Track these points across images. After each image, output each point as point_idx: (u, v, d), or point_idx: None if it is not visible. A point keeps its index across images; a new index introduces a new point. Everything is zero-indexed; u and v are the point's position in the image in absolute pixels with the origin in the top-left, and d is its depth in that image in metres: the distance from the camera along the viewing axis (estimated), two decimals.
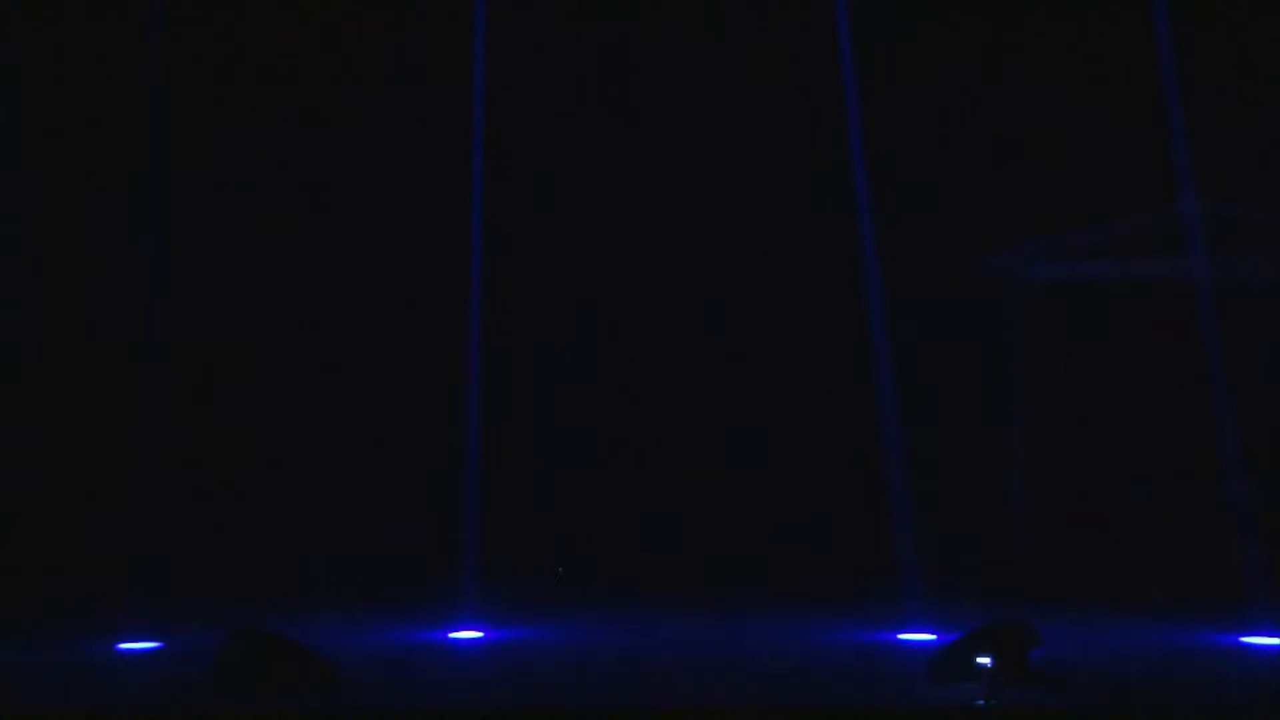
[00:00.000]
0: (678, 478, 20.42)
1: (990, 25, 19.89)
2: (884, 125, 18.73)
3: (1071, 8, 19.81)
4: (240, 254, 20.18)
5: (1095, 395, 19.59)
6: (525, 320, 20.05)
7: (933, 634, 15.68)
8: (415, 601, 17.56)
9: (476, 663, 14.94)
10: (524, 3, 19.56)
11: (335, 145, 20.25)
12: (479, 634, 16.29)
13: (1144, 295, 19.31)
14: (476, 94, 18.43)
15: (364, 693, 12.97)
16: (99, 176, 19.75)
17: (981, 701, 12.28)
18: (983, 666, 12.45)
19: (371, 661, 14.40)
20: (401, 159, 20.21)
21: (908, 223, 19.15)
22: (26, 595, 17.61)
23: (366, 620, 16.93)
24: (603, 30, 20.31)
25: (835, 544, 19.49)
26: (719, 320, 20.72)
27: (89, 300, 19.93)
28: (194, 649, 14.55)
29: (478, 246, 18.31)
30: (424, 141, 19.99)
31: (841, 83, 18.45)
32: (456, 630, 16.35)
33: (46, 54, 19.71)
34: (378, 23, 20.30)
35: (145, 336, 18.66)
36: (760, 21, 20.19)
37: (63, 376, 19.79)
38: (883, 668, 14.09)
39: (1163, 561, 18.42)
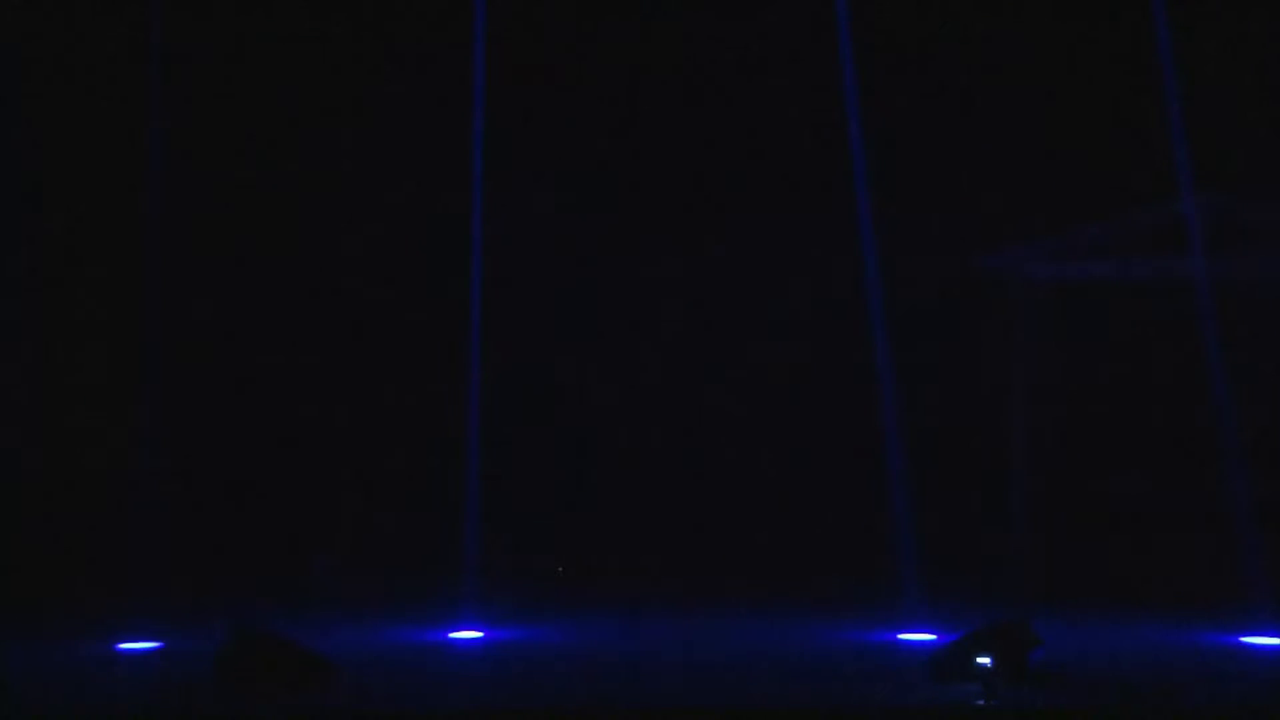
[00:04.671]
0: (677, 478, 20.42)
1: (991, 24, 19.89)
2: (885, 125, 18.73)
3: (1072, 7, 19.82)
4: (241, 254, 20.18)
5: (1095, 394, 19.59)
6: (526, 321, 20.07)
7: (933, 634, 15.69)
8: (415, 601, 17.57)
9: (476, 663, 14.94)
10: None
11: (333, 146, 20.27)
12: (479, 634, 16.29)
13: (1144, 295, 19.32)
14: (476, 93, 18.41)
15: (364, 692, 12.96)
16: (99, 175, 19.75)
17: (981, 701, 12.28)
18: (983, 666, 12.45)
19: (372, 661, 14.39)
20: (401, 158, 20.23)
21: (908, 223, 19.15)
22: (26, 595, 17.60)
23: (367, 620, 16.92)
24: (603, 30, 20.33)
25: (835, 544, 19.49)
26: (719, 321, 20.72)
27: (89, 300, 19.92)
28: (194, 649, 14.54)
29: (478, 246, 18.30)
30: (423, 141, 20.01)
31: (842, 82, 18.44)
32: (456, 630, 16.35)
33: (46, 51, 19.72)
34: (377, 19, 20.34)
35: (145, 336, 18.66)
36: (761, 19, 20.18)
37: (63, 376, 19.79)
38: (883, 668, 14.09)
39: (1163, 561, 18.43)
